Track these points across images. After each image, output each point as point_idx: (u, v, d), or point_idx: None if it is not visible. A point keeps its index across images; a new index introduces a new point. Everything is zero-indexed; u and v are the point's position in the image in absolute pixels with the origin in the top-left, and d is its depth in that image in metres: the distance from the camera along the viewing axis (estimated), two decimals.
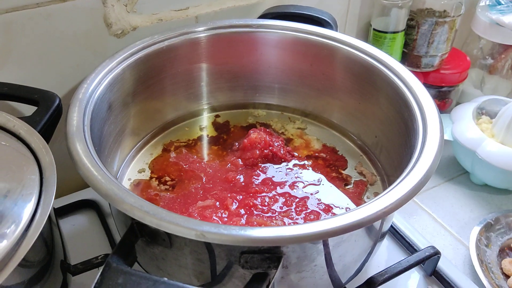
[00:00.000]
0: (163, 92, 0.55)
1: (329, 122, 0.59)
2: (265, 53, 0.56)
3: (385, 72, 0.47)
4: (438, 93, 0.78)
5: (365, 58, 0.49)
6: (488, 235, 0.61)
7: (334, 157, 0.55)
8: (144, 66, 0.50)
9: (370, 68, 0.48)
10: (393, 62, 0.48)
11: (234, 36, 0.54)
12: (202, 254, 0.36)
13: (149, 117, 0.55)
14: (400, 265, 0.46)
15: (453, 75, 0.77)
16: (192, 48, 0.53)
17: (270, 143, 0.53)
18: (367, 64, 0.49)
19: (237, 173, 0.51)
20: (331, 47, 0.52)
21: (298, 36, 0.53)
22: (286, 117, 0.61)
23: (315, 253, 0.37)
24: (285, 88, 0.59)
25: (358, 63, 0.50)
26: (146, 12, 0.55)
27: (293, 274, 0.37)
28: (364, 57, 0.49)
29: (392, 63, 0.48)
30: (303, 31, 0.53)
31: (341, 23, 0.71)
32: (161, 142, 0.56)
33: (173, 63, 0.53)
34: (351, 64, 0.51)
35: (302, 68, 0.55)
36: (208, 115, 0.60)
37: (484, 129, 0.69)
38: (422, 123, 0.42)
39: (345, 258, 0.40)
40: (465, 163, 0.70)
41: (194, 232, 0.32)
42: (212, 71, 0.56)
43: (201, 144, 0.56)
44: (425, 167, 0.38)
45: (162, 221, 0.32)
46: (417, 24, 0.72)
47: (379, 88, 0.49)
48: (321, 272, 0.39)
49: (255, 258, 0.34)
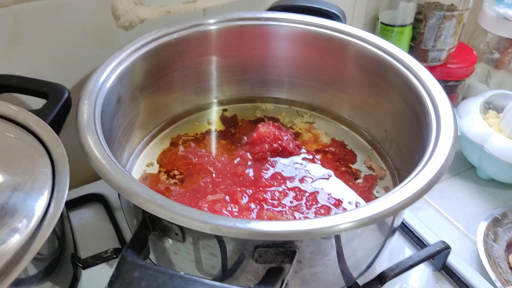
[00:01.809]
0: (172, 86, 0.54)
1: (337, 116, 0.58)
2: (274, 46, 0.55)
3: (396, 66, 0.47)
4: (444, 88, 0.76)
5: (375, 51, 0.49)
6: (496, 230, 0.61)
7: (343, 151, 0.55)
8: (154, 58, 0.50)
9: (381, 61, 0.48)
10: (405, 56, 0.47)
11: (243, 29, 0.53)
12: (215, 248, 0.36)
13: (157, 111, 0.55)
14: (411, 260, 0.46)
15: (460, 70, 0.76)
16: (201, 41, 0.53)
17: (279, 137, 0.53)
18: (378, 57, 0.48)
19: (246, 167, 0.51)
20: (341, 40, 0.51)
21: (308, 29, 0.53)
22: (294, 111, 0.60)
23: (329, 248, 0.37)
24: (294, 81, 0.58)
25: (369, 57, 0.49)
26: (154, 4, 0.54)
27: (306, 268, 0.37)
28: (374, 50, 0.49)
29: (403, 57, 0.47)
30: (313, 24, 0.52)
31: (348, 16, 0.71)
32: (169, 136, 0.56)
33: (182, 56, 0.53)
34: (361, 57, 0.50)
35: (311, 61, 0.55)
36: (216, 108, 0.60)
37: (491, 123, 0.69)
38: (436, 117, 0.42)
39: (357, 253, 0.40)
40: (472, 158, 0.70)
41: (209, 226, 0.32)
42: (220, 64, 0.56)
43: (209, 138, 0.56)
44: (440, 162, 0.38)
45: (176, 215, 0.32)
46: (425, 17, 0.71)
47: (389, 82, 0.48)
48: (334, 267, 0.39)
49: (269, 253, 0.34)
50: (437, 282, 0.50)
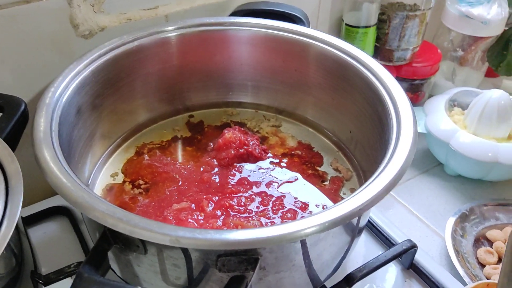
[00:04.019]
0: (134, 94, 0.54)
1: (303, 119, 0.59)
2: (237, 50, 0.55)
3: (357, 67, 0.47)
4: (410, 86, 0.79)
5: (337, 53, 0.49)
6: (463, 226, 0.62)
7: (309, 154, 0.55)
8: (113, 67, 0.49)
9: (343, 63, 0.48)
10: (366, 57, 0.48)
11: (205, 35, 0.53)
12: (178, 259, 0.35)
13: (121, 120, 0.54)
14: (378, 260, 0.46)
15: (425, 68, 0.77)
16: (162, 48, 0.52)
17: (245, 142, 0.53)
18: (340, 59, 0.49)
19: (213, 174, 0.51)
20: (303, 43, 0.51)
21: (270, 33, 0.53)
22: (260, 115, 0.60)
23: (293, 253, 0.36)
24: (259, 85, 0.58)
25: (331, 59, 0.50)
26: (114, 12, 0.54)
27: (271, 275, 0.37)
28: (336, 52, 0.49)
29: (364, 58, 0.48)
30: (275, 27, 0.52)
31: (313, 18, 0.71)
32: (134, 145, 0.55)
33: (143, 63, 0.52)
34: (323, 60, 0.51)
35: (274, 65, 0.55)
36: (181, 115, 0.59)
37: (457, 120, 0.70)
38: (396, 118, 0.42)
39: (323, 256, 0.40)
40: (439, 155, 0.71)
41: (169, 237, 0.31)
42: (184, 71, 0.56)
43: (175, 146, 0.55)
44: (400, 162, 0.38)
45: (135, 228, 0.32)
46: (389, 18, 0.72)
47: (352, 83, 0.49)
48: (300, 272, 0.39)
49: (232, 261, 0.34)
50: (405, 280, 0.50)
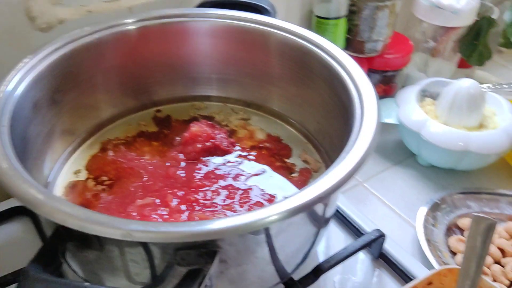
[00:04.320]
0: (97, 89, 0.52)
1: (272, 111, 0.58)
2: (201, 43, 0.54)
3: (320, 54, 0.46)
4: (383, 78, 0.79)
5: (300, 42, 0.48)
6: (435, 215, 0.62)
7: (278, 146, 0.54)
8: (72, 61, 0.47)
9: (306, 51, 0.48)
10: (329, 44, 0.47)
11: (167, 27, 0.52)
12: (136, 255, 0.34)
13: (84, 115, 0.52)
14: (346, 251, 0.46)
15: (397, 59, 0.77)
16: (123, 41, 0.51)
17: (212, 136, 0.52)
18: (303, 47, 0.48)
19: (179, 168, 0.50)
20: (265, 32, 0.50)
21: (232, 24, 0.52)
22: (229, 109, 0.59)
23: (254, 245, 0.36)
24: (225, 78, 0.57)
25: (293, 48, 0.49)
26: (74, 4, 0.52)
27: (233, 268, 0.36)
28: (299, 41, 0.48)
29: (327, 46, 0.47)
30: (237, 18, 0.51)
31: (283, 10, 0.70)
32: (99, 141, 0.54)
33: (104, 57, 0.50)
34: (286, 49, 0.50)
35: (240, 57, 0.54)
36: (148, 110, 0.58)
37: (428, 111, 0.70)
38: (360, 105, 0.42)
39: (288, 247, 0.39)
40: (411, 145, 0.71)
41: (120, 231, 0.30)
42: (148, 65, 0.54)
43: (141, 141, 0.54)
44: (362, 150, 0.37)
45: (86, 223, 0.30)
46: (359, 9, 0.72)
47: (316, 72, 0.48)
48: (264, 263, 0.38)
49: (191, 255, 0.33)
50: (375, 269, 0.50)
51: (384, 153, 0.74)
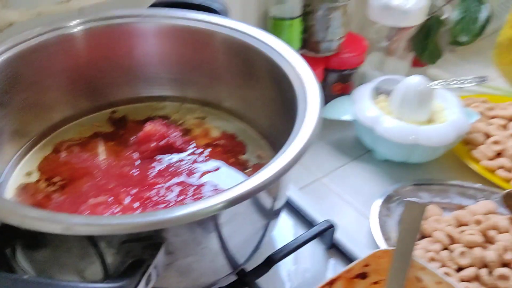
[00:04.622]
0: (48, 91, 0.52)
1: (228, 110, 0.59)
2: (151, 43, 0.54)
3: (264, 51, 0.48)
4: (340, 77, 0.81)
5: (244, 38, 0.49)
6: (389, 206, 0.64)
7: (233, 143, 0.55)
8: (19, 64, 0.47)
9: (250, 48, 0.49)
10: (272, 40, 0.48)
11: (115, 28, 0.52)
12: (81, 249, 0.35)
13: (36, 117, 0.52)
14: (297, 241, 0.47)
15: (352, 58, 0.80)
16: (71, 43, 0.51)
17: (166, 135, 0.52)
18: (246, 44, 0.49)
19: (133, 167, 0.50)
20: (210, 31, 0.52)
21: (178, 24, 0.53)
22: (185, 108, 0.60)
23: (200, 236, 0.37)
24: (179, 78, 0.58)
25: (238, 45, 0.50)
26: (23, 6, 0.52)
27: (180, 259, 0.37)
28: (243, 38, 0.49)
29: (271, 41, 0.48)
30: (183, 18, 0.52)
31: (240, 12, 0.72)
32: (52, 142, 0.53)
33: (53, 59, 0.50)
34: (232, 46, 0.51)
35: (189, 56, 0.55)
36: (103, 111, 0.58)
37: (382, 107, 0.73)
38: (304, 99, 0.43)
39: (237, 239, 0.40)
40: (367, 141, 0.73)
41: (61, 226, 0.30)
42: (99, 66, 0.54)
43: (95, 141, 0.54)
44: (302, 142, 0.39)
45: (25, 218, 0.31)
46: (313, 10, 0.74)
47: (261, 68, 0.49)
48: (212, 255, 0.39)
49: (136, 248, 0.34)
50: (328, 259, 0.51)
51: (342, 149, 0.77)
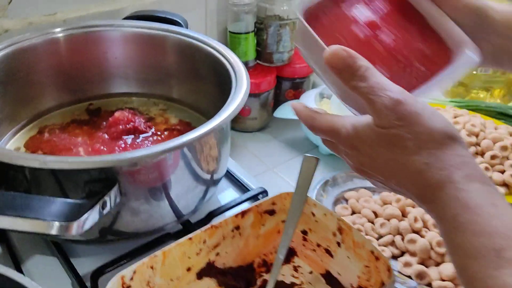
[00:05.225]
0: (34, 84, 0.64)
1: (186, 104, 0.71)
2: (120, 48, 0.67)
3: (206, 48, 0.61)
4: (292, 84, 0.93)
5: (191, 41, 0.62)
6: (325, 189, 0.75)
7: (187, 128, 0.67)
8: (12, 61, 0.59)
9: (196, 48, 0.62)
10: (213, 41, 0.61)
11: (91, 35, 0.65)
12: (56, 189, 0.45)
13: (24, 106, 0.64)
14: (234, 201, 0.59)
15: (302, 68, 0.92)
16: (55, 46, 0.63)
17: (132, 120, 0.64)
18: (193, 45, 0.62)
19: (103, 144, 0.61)
20: (165, 36, 0.65)
21: (142, 32, 0.67)
22: (151, 102, 0.72)
23: (146, 181, 0.48)
24: (145, 77, 0.70)
25: (185, 46, 0.63)
26: (17, 17, 0.65)
27: (132, 201, 0.48)
28: (190, 41, 0.62)
29: (211, 42, 0.61)
30: (146, 27, 0.66)
31: (202, 28, 0.85)
32: (37, 126, 0.65)
33: (38, 59, 0.63)
34: (182, 48, 0.64)
35: (153, 59, 0.68)
36: (82, 104, 0.70)
37: (325, 109, 0.85)
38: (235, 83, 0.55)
39: (176, 191, 0.51)
40: (312, 138, 0.85)
41: (38, 162, 0.41)
42: (79, 66, 0.67)
43: (73, 126, 0.66)
44: (230, 111, 0.50)
45: (12, 156, 0.42)
46: (265, 26, 0.87)
47: (206, 65, 0.62)
48: (158, 200, 0.50)
49: (97, 185, 0.45)
50: None
51: (292, 145, 0.88)
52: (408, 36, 0.44)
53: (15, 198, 0.39)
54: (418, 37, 0.44)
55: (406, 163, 0.35)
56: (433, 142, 0.34)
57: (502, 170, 0.78)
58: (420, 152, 0.34)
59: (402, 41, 0.44)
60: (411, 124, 0.34)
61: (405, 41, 0.44)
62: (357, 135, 0.37)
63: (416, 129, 0.34)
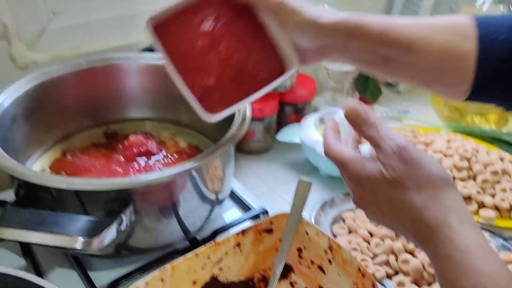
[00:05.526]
0: (59, 111, 0.71)
1: (195, 128, 0.77)
2: (136, 78, 0.74)
3: None
4: (294, 109, 0.99)
5: None
6: (324, 209, 0.80)
7: (195, 151, 0.73)
8: (41, 90, 0.66)
9: None
10: None
11: (111, 66, 0.72)
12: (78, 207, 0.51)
13: (50, 130, 0.71)
14: (237, 220, 0.64)
15: (304, 94, 0.98)
16: (79, 77, 0.70)
17: (144, 143, 0.70)
18: None
19: (119, 165, 0.68)
20: None
21: (154, 63, 0.73)
22: (163, 126, 0.79)
23: (157, 202, 0.54)
24: (158, 104, 0.77)
25: None
26: (46, 50, 0.72)
27: (145, 218, 0.54)
28: None
29: None
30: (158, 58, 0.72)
31: None
32: (61, 149, 0.72)
33: (65, 88, 0.69)
34: None
35: (164, 87, 0.74)
36: (100, 128, 0.77)
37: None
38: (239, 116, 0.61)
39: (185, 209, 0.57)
40: (311, 160, 0.90)
41: (65, 183, 0.48)
42: (99, 94, 0.73)
43: (93, 148, 0.72)
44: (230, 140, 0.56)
45: (43, 179, 0.48)
46: None
47: None
48: (169, 221, 0.56)
49: (115, 205, 0.51)
50: None
51: (293, 167, 0.93)
52: (244, 47, 0.50)
53: (45, 216, 0.45)
54: (255, 49, 0.50)
55: (406, 202, 0.40)
56: (432, 184, 0.39)
57: (493, 194, 0.82)
58: (420, 192, 0.39)
59: (238, 52, 0.50)
60: (413, 167, 0.40)
61: (240, 51, 0.50)
62: (364, 173, 0.42)
63: (417, 172, 0.40)
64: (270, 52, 0.51)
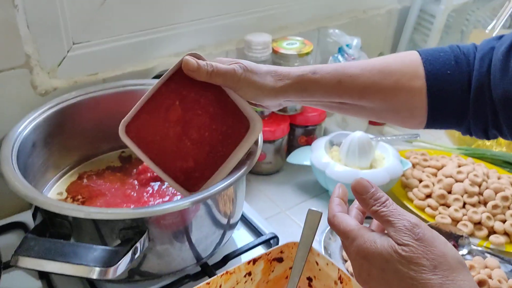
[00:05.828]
0: (78, 135, 0.73)
1: None
2: None
3: None
4: (305, 131, 1.00)
5: None
6: (334, 233, 0.81)
7: None
8: (60, 116, 0.69)
9: None
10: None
11: (127, 92, 0.74)
12: (94, 234, 0.53)
13: (67, 154, 0.73)
14: (247, 246, 0.65)
15: (314, 117, 0.99)
16: (96, 102, 0.73)
17: None
18: None
19: (133, 190, 0.70)
20: None
21: None
22: None
23: (171, 229, 0.55)
24: None
25: None
26: (65, 77, 0.75)
27: (158, 245, 0.55)
28: None
29: None
30: None
31: None
32: (77, 172, 0.74)
33: (83, 114, 0.72)
34: None
35: None
36: (115, 151, 0.79)
37: (334, 156, 0.92)
38: None
39: (197, 236, 0.58)
40: (321, 182, 0.92)
41: (83, 212, 0.50)
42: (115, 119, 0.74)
43: (108, 172, 0.74)
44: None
45: (62, 208, 0.50)
46: None
47: None
48: (181, 247, 0.57)
49: (129, 232, 0.52)
50: None
51: (303, 189, 0.95)
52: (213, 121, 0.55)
53: (63, 246, 0.47)
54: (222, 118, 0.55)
55: (421, 280, 0.38)
56: (447, 264, 0.39)
57: (503, 219, 0.82)
58: (436, 272, 0.38)
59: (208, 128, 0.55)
60: (428, 245, 0.39)
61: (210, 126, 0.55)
62: (375, 248, 0.40)
63: (433, 250, 0.39)
64: (236, 113, 0.56)
